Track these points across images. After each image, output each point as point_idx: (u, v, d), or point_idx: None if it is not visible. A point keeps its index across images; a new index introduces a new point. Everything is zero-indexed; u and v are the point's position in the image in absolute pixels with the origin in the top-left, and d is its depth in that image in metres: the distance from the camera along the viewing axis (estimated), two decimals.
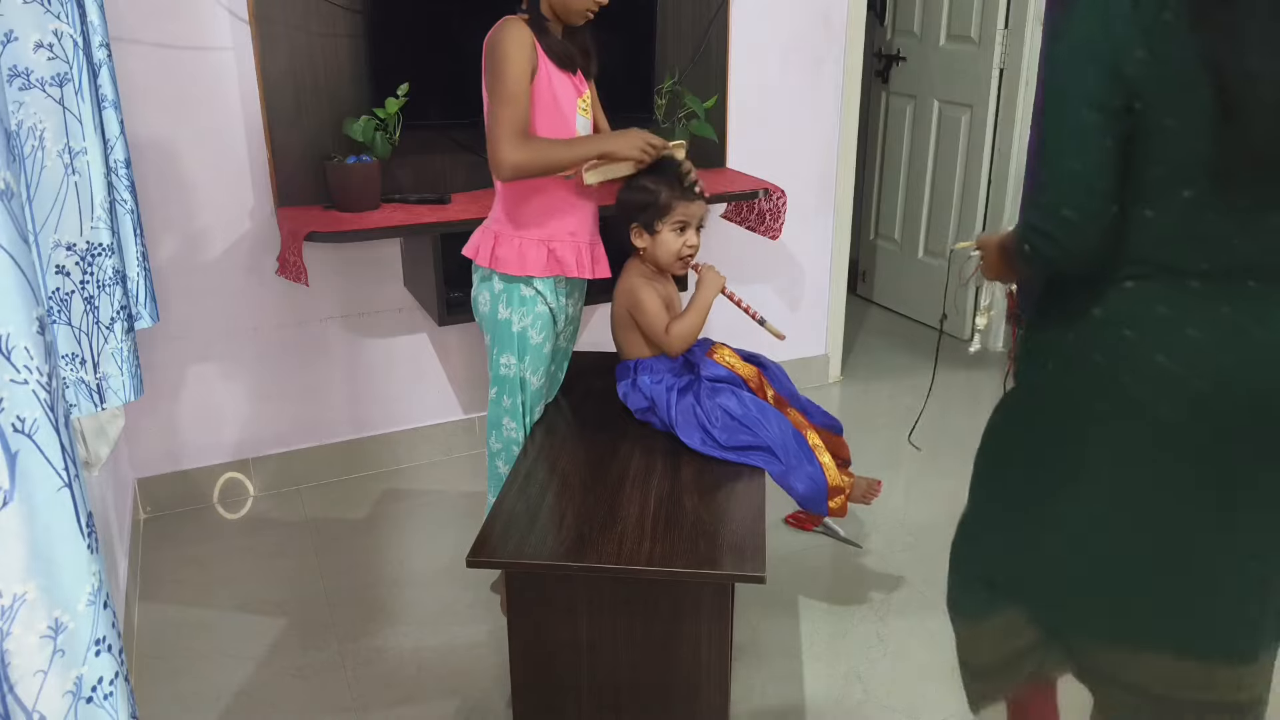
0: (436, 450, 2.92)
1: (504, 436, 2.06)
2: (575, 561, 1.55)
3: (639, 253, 2.01)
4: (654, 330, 1.98)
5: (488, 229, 1.96)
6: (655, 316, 1.97)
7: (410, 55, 2.44)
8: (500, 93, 1.77)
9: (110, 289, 1.39)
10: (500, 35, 1.78)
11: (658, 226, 1.95)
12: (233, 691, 1.97)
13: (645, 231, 1.96)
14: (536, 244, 1.92)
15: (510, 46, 1.76)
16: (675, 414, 1.93)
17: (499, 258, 1.92)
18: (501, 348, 1.99)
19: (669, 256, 1.98)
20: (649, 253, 1.99)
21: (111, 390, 1.41)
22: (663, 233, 1.95)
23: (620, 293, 2.02)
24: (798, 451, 1.92)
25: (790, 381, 2.14)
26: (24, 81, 1.21)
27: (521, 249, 1.92)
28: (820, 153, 3.22)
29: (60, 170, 1.28)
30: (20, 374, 0.74)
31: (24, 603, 0.77)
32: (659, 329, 1.97)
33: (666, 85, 2.77)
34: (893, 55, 3.93)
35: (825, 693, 1.97)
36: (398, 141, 2.42)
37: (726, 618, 1.60)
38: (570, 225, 1.94)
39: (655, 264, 2.01)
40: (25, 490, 0.75)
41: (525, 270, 1.92)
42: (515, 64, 1.76)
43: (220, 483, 2.69)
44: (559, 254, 1.93)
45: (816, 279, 3.37)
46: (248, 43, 2.36)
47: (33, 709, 0.79)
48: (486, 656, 2.07)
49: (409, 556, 2.44)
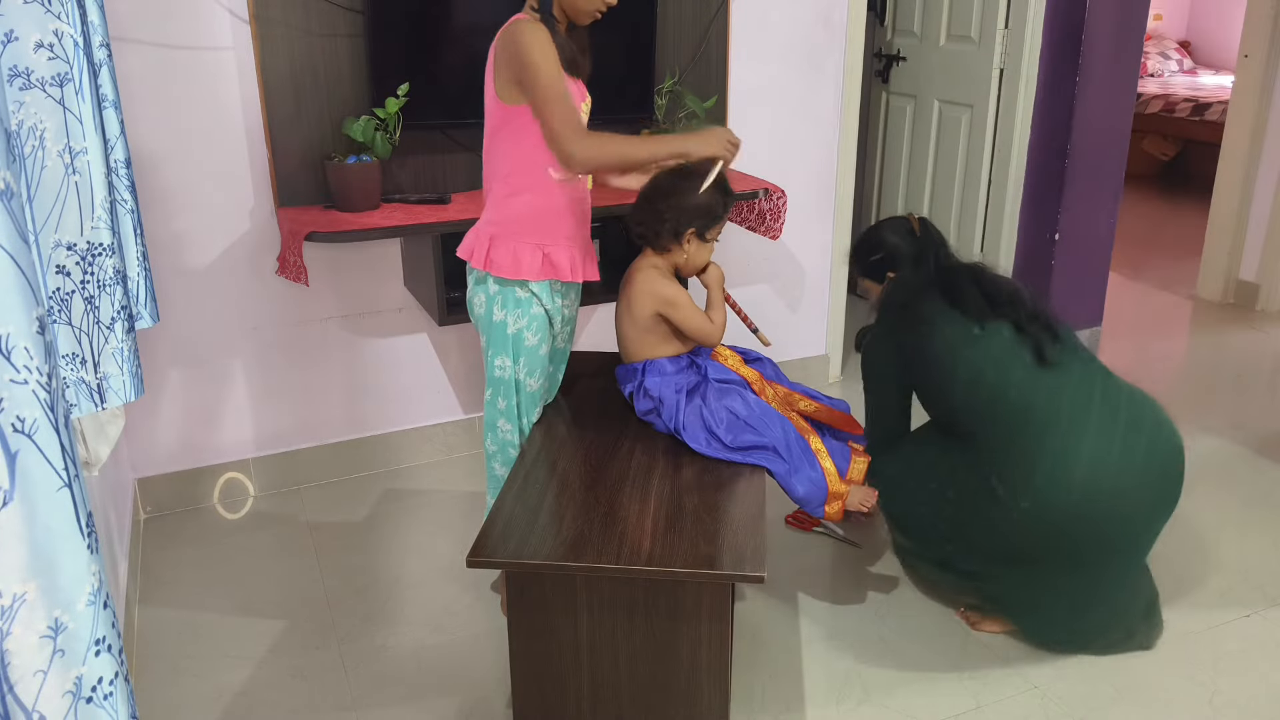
0: (436, 450, 2.92)
1: (499, 439, 2.05)
2: (575, 561, 1.55)
3: (660, 255, 2.00)
4: (698, 324, 1.99)
5: (482, 231, 1.94)
6: (696, 311, 1.99)
7: (410, 55, 2.44)
8: (545, 93, 1.77)
9: (111, 289, 1.39)
10: (524, 38, 1.77)
11: (708, 235, 1.98)
12: (233, 691, 1.97)
13: (698, 238, 1.97)
14: (531, 247, 1.90)
15: (538, 47, 1.76)
16: (683, 418, 1.93)
17: (493, 260, 1.91)
18: (497, 350, 1.98)
19: (700, 263, 2.02)
20: (688, 258, 1.99)
21: (112, 390, 1.41)
22: (709, 241, 1.99)
23: (643, 295, 1.98)
24: (800, 454, 1.93)
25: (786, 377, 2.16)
26: (24, 81, 1.21)
27: (516, 252, 1.90)
28: (820, 153, 3.22)
29: (61, 170, 1.28)
30: (20, 374, 0.74)
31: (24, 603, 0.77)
32: (703, 321, 1.99)
33: (666, 85, 2.77)
34: (893, 55, 3.92)
35: (825, 693, 1.97)
36: (398, 141, 2.42)
37: (726, 618, 1.60)
38: (566, 229, 1.93)
39: (683, 268, 2.02)
40: (25, 490, 0.75)
41: (520, 274, 1.90)
42: (550, 62, 1.77)
43: (220, 483, 2.69)
44: (553, 258, 1.92)
45: (816, 279, 3.36)
46: (248, 43, 2.36)
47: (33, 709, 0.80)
48: (486, 656, 2.07)
49: (409, 556, 2.44)
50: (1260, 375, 3.61)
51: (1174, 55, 7.36)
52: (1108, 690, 1.98)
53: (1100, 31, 3.28)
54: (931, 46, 3.72)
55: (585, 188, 1.98)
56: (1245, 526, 2.58)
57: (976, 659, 2.07)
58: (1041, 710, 1.93)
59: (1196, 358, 3.82)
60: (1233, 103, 4.20)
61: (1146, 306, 4.35)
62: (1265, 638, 2.14)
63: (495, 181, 1.92)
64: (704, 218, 1.95)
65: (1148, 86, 6.70)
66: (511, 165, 1.88)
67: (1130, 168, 4.16)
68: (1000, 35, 3.39)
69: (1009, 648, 2.11)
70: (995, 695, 1.97)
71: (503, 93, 1.83)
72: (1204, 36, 7.57)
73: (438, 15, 2.45)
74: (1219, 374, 3.64)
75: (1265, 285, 4.21)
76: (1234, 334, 4.00)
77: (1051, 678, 2.02)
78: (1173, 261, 4.94)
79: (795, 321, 3.37)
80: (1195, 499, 2.69)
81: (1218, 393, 3.46)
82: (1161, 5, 7.36)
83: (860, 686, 1.99)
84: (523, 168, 1.87)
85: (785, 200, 2.79)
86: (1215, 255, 4.35)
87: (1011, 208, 3.50)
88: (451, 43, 2.48)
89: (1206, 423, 3.14)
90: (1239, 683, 2.01)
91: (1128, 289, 4.56)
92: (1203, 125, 6.22)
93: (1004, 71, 3.42)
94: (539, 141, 1.84)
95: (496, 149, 1.90)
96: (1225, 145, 4.24)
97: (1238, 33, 4.32)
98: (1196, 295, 4.43)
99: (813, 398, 2.08)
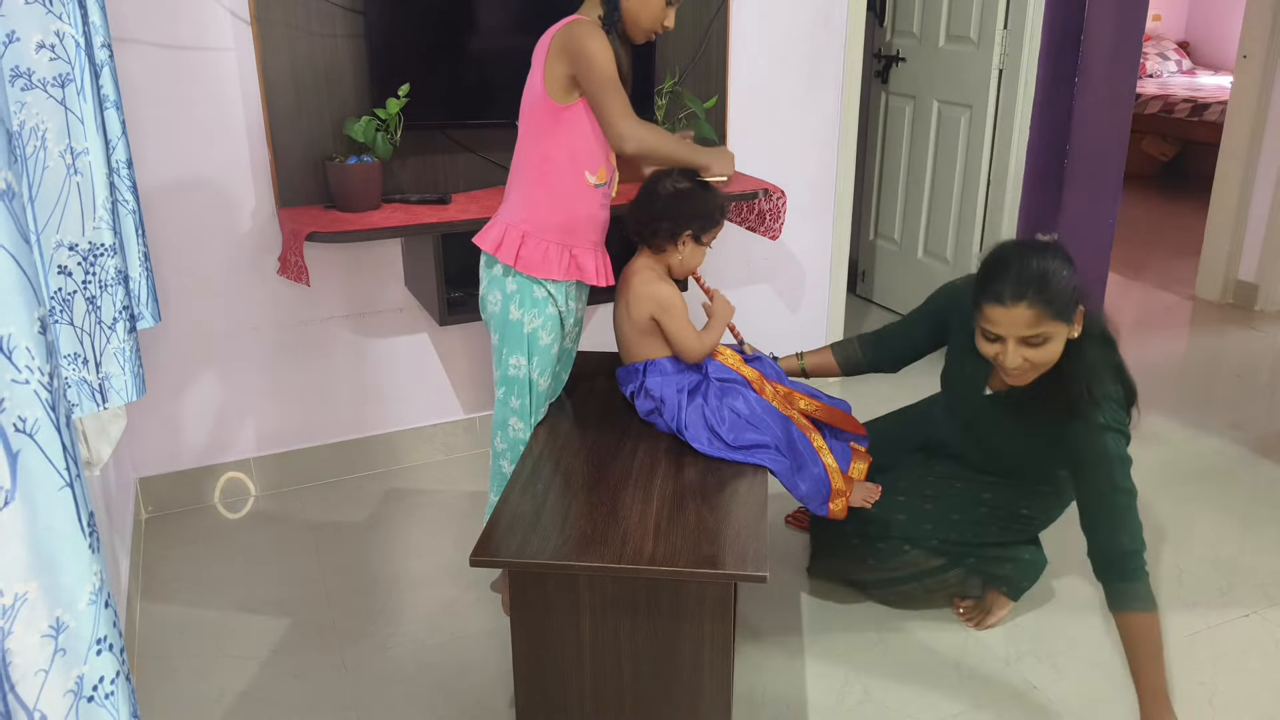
0: (437, 450, 2.92)
1: (510, 437, 2.06)
2: (578, 561, 1.55)
3: (658, 256, 2.01)
4: (686, 335, 1.98)
5: (514, 226, 1.95)
6: (687, 323, 1.99)
7: (411, 56, 2.44)
8: (603, 82, 1.83)
9: (112, 289, 1.39)
10: (587, 38, 1.82)
11: (704, 239, 1.99)
12: (234, 691, 1.97)
13: (693, 240, 1.98)
14: (560, 248, 1.93)
15: (599, 48, 1.82)
16: (685, 417, 1.93)
17: (523, 257, 1.93)
18: (511, 348, 1.99)
19: (694, 266, 2.02)
20: (681, 260, 2.00)
21: (114, 390, 1.41)
22: (704, 245, 2.00)
23: (641, 298, 1.98)
24: (802, 452, 1.94)
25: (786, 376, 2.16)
26: (26, 82, 1.21)
27: (547, 251, 1.93)
28: (820, 153, 3.22)
29: (62, 170, 1.28)
30: (22, 374, 0.74)
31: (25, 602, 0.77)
32: (691, 334, 1.98)
33: (667, 85, 2.77)
34: (892, 56, 3.93)
35: (825, 692, 1.97)
36: (398, 142, 2.42)
37: (728, 617, 1.60)
38: (593, 233, 1.98)
39: (678, 270, 2.02)
40: (27, 490, 0.76)
41: (548, 273, 1.93)
42: (608, 58, 1.83)
43: (222, 482, 2.69)
44: (580, 260, 1.96)
45: (816, 279, 3.37)
46: (249, 43, 2.36)
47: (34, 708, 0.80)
48: (488, 656, 2.07)
49: (410, 556, 2.44)
50: (1259, 375, 3.61)
51: (1173, 56, 7.36)
52: (1107, 690, 1.98)
53: (1099, 32, 3.28)
54: (931, 47, 3.72)
55: (611, 194, 2.01)
56: (1245, 526, 2.58)
57: (976, 659, 2.07)
58: (1041, 710, 1.93)
59: (1195, 358, 3.83)
60: (1231, 103, 4.20)
61: (1145, 307, 4.35)
62: (1265, 638, 2.14)
63: (529, 179, 1.93)
64: (702, 221, 1.97)
65: (1147, 87, 6.70)
66: (553, 165, 1.91)
67: (1129, 168, 4.17)
68: (999, 36, 3.39)
69: (1009, 648, 2.11)
70: (995, 695, 1.97)
71: (554, 91, 1.86)
72: (1203, 37, 7.57)
73: (438, 16, 2.45)
74: (1218, 374, 3.64)
75: (1264, 285, 4.22)
76: (1233, 334, 4.01)
77: (1051, 678, 2.02)
78: (1172, 262, 4.94)
79: (795, 321, 3.37)
80: (1195, 499, 2.70)
81: (1217, 393, 3.46)
82: (1160, 6, 7.37)
83: (860, 686, 1.99)
84: (563, 168, 1.91)
85: (785, 200, 2.79)
86: (1214, 255, 4.35)
87: (1010, 208, 3.50)
88: (452, 43, 2.48)
89: (1205, 423, 3.15)
90: (1239, 682, 2.01)
91: (1127, 289, 4.56)
92: (1202, 125, 6.23)
93: (1003, 72, 3.42)
94: (583, 143, 1.89)
95: (537, 147, 1.92)
96: (1224, 145, 4.24)
97: (1236, 33, 4.32)
98: (1195, 295, 4.44)
99: (813, 397, 2.09)
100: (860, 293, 4.31)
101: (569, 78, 1.85)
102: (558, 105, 1.87)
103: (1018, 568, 2.15)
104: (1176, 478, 2.81)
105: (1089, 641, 2.13)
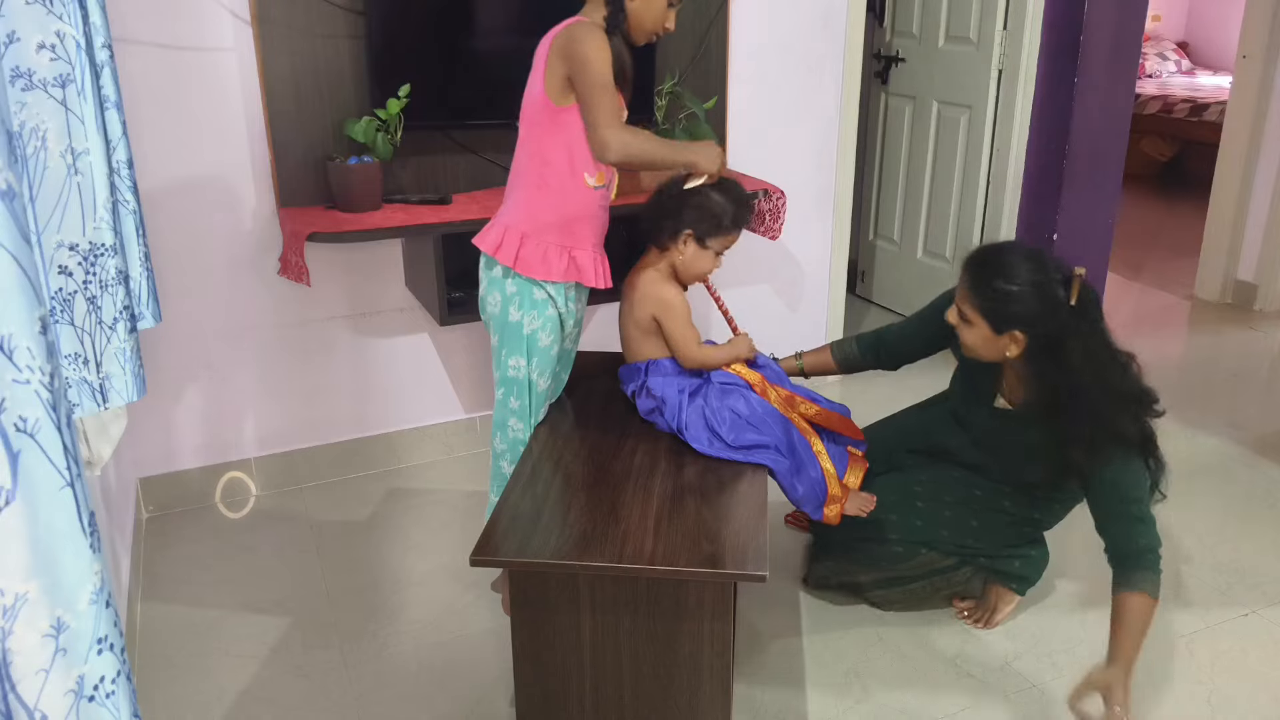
0: (438, 450, 2.92)
1: (509, 437, 2.06)
2: (578, 560, 1.56)
3: (661, 256, 2.00)
4: (685, 337, 1.98)
5: (514, 227, 1.94)
6: (688, 325, 1.98)
7: (411, 56, 2.44)
8: (593, 82, 1.81)
9: (113, 289, 1.39)
10: (585, 37, 1.81)
11: (709, 243, 1.97)
12: (234, 690, 1.98)
13: (695, 241, 1.97)
14: (559, 249, 1.93)
15: (595, 46, 1.81)
16: (685, 417, 1.94)
17: (522, 259, 1.92)
18: (511, 350, 2.00)
19: (699, 272, 2.00)
20: (683, 261, 1.98)
21: (114, 390, 1.41)
22: (709, 249, 1.98)
23: (645, 297, 1.99)
24: (802, 454, 1.94)
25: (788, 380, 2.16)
26: (26, 82, 1.21)
27: (546, 253, 1.93)
28: (819, 153, 3.22)
29: (63, 171, 1.29)
30: (22, 374, 0.74)
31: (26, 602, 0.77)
32: (691, 339, 1.98)
33: (666, 86, 2.78)
34: (892, 56, 3.93)
35: (825, 692, 1.98)
36: (399, 142, 2.42)
37: (728, 617, 1.60)
38: (591, 234, 1.97)
39: (682, 272, 2.01)
40: (27, 490, 0.76)
41: (548, 275, 1.93)
42: (604, 62, 1.82)
43: (222, 482, 2.69)
44: (579, 261, 1.95)
45: (816, 279, 3.37)
46: (249, 44, 2.36)
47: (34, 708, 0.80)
48: (488, 655, 2.07)
49: (410, 556, 2.45)
50: (1258, 375, 3.62)
51: (1172, 56, 7.36)
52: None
53: (1099, 32, 3.28)
54: (930, 48, 3.73)
55: (610, 196, 2.01)
56: (1243, 526, 2.58)
57: (976, 659, 2.08)
58: (1041, 710, 1.93)
59: (1194, 357, 3.83)
60: (1231, 103, 4.20)
61: (1145, 306, 4.36)
62: (1264, 637, 2.15)
63: (528, 181, 1.93)
64: (704, 222, 1.95)
65: (1146, 87, 6.70)
66: (552, 167, 1.90)
67: (1128, 168, 4.17)
68: (999, 36, 3.39)
69: (1009, 647, 2.11)
70: (994, 694, 1.97)
71: (553, 93, 1.86)
72: (1202, 37, 7.57)
73: (439, 17, 2.46)
74: (1217, 374, 3.64)
75: (1263, 285, 4.22)
76: (1232, 334, 4.01)
77: (1051, 677, 2.02)
78: (1171, 261, 4.94)
79: (794, 322, 3.37)
80: (1194, 499, 2.70)
81: (1215, 392, 3.46)
82: (1160, 6, 7.37)
83: (860, 686, 2.00)
84: (562, 169, 1.90)
85: (785, 200, 2.79)
86: (1213, 255, 4.35)
87: (1010, 208, 3.51)
88: (452, 44, 2.49)
89: (1204, 422, 3.15)
90: (1237, 682, 2.01)
91: (1126, 289, 4.57)
92: (1201, 126, 6.23)
93: (1002, 72, 3.42)
94: (582, 144, 1.88)
95: (537, 149, 1.92)
96: (1223, 146, 4.24)
97: (1236, 33, 4.32)
98: (1195, 295, 4.44)
99: (814, 401, 2.08)
100: (860, 293, 4.31)
101: (566, 79, 1.85)
102: (557, 107, 1.86)
103: (1026, 564, 2.15)
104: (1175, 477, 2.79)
105: (1089, 640, 2.13)
